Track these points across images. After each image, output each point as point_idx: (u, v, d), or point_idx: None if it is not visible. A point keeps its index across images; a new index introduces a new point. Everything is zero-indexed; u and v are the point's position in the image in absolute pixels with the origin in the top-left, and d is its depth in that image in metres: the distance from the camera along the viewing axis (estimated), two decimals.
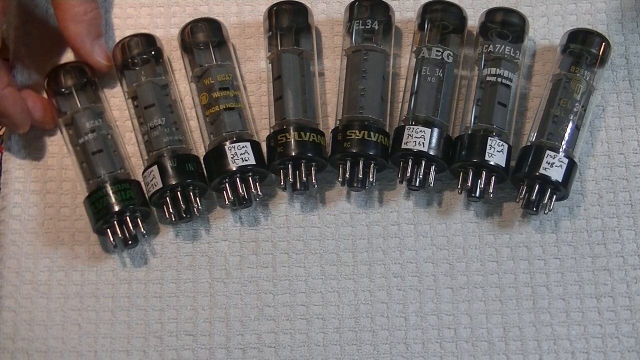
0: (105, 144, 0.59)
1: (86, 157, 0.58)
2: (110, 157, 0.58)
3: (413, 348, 0.57)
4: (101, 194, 0.56)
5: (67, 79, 0.61)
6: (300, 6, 0.62)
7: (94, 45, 0.60)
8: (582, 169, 0.60)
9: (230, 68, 0.61)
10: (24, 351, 0.57)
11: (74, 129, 0.59)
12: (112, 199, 0.56)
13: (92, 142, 0.58)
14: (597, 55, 0.59)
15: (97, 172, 0.58)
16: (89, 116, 0.59)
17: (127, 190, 0.57)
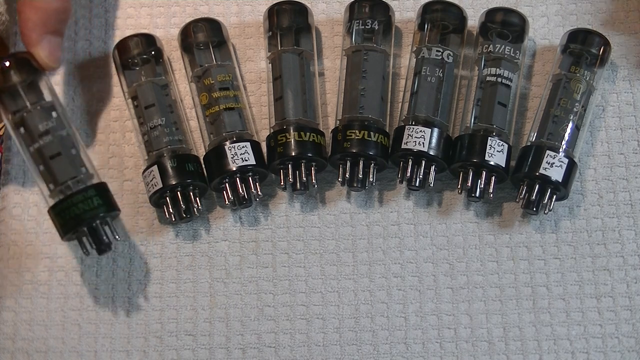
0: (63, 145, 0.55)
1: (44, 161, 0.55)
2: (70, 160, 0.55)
3: (413, 348, 0.57)
4: (69, 204, 0.54)
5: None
6: (300, 6, 0.62)
7: (43, 38, 0.55)
8: (582, 169, 0.60)
9: (230, 68, 0.61)
10: (23, 351, 0.57)
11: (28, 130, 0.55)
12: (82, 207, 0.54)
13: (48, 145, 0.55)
14: (597, 55, 0.59)
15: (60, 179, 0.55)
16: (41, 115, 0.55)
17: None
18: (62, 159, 0.54)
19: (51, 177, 0.54)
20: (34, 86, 0.55)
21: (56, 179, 0.54)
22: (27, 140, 0.55)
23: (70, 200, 0.53)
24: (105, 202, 0.55)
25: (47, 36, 0.55)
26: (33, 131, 0.54)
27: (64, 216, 0.54)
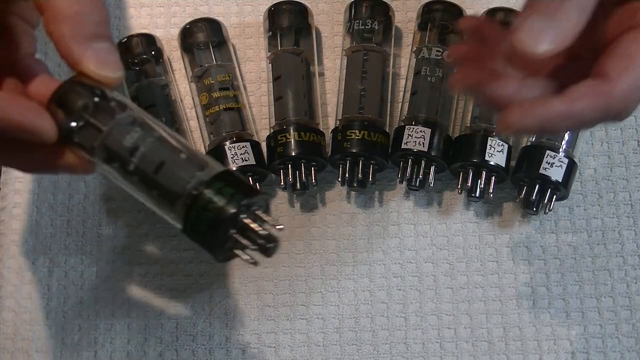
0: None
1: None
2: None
3: (413, 348, 0.57)
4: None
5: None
6: (300, 6, 0.62)
7: (86, 49, 0.42)
8: (582, 169, 0.60)
9: (230, 68, 0.61)
10: (23, 351, 0.57)
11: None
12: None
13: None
14: None
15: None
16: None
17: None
18: (168, 167, 0.42)
19: (167, 195, 0.42)
20: (98, 105, 0.43)
21: (173, 194, 0.42)
22: (121, 169, 0.43)
23: (196, 207, 0.41)
24: (240, 188, 0.41)
25: (90, 45, 0.43)
26: (121, 154, 0.42)
27: (199, 229, 0.41)
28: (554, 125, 0.40)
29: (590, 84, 0.39)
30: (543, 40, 0.38)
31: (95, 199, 0.60)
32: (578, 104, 0.39)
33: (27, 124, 0.41)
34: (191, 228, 0.41)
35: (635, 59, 0.39)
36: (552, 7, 0.38)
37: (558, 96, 0.40)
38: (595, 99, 0.39)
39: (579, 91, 0.39)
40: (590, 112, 0.39)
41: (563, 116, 0.40)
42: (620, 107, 0.39)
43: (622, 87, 0.39)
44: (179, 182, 0.41)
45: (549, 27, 0.38)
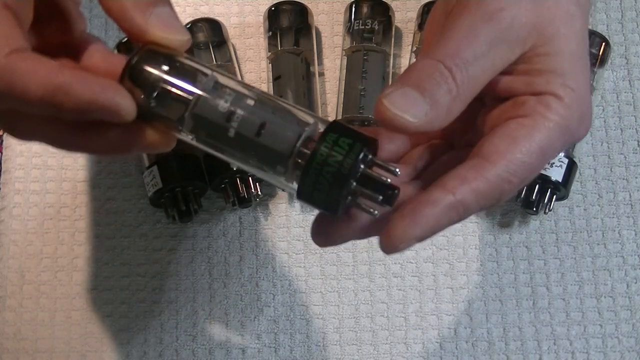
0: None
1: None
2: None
3: (413, 348, 0.57)
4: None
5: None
6: (300, 6, 0.62)
7: (149, 16, 0.39)
8: (582, 169, 0.60)
9: (230, 68, 0.61)
10: (25, 351, 0.57)
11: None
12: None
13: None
14: (597, 55, 0.59)
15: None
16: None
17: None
18: (271, 127, 0.38)
19: (274, 158, 0.38)
20: (177, 72, 0.39)
21: (281, 156, 0.37)
22: (217, 138, 0.38)
23: (314, 164, 0.36)
24: (355, 137, 0.37)
25: (152, 11, 0.39)
26: (216, 121, 0.38)
27: (321, 187, 0.37)
28: (443, 224, 0.37)
29: (469, 165, 0.37)
30: (411, 110, 0.36)
31: (95, 199, 0.60)
32: (459, 191, 0.36)
33: (103, 103, 0.36)
34: (311, 188, 0.37)
35: (519, 142, 0.37)
36: (428, 84, 0.37)
37: (436, 189, 0.37)
38: (476, 182, 0.36)
39: (458, 177, 0.37)
40: (473, 199, 0.36)
41: (450, 210, 0.36)
42: (502, 189, 0.37)
43: (503, 169, 0.37)
44: (287, 142, 0.37)
45: (421, 101, 0.36)
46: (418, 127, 0.36)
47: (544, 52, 0.38)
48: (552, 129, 0.37)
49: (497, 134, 0.38)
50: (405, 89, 0.37)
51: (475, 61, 0.37)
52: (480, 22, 0.38)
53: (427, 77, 0.37)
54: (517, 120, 0.38)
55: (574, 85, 0.38)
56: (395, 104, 0.36)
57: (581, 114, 0.39)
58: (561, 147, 0.39)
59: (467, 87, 0.37)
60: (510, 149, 0.37)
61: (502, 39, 0.38)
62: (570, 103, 0.38)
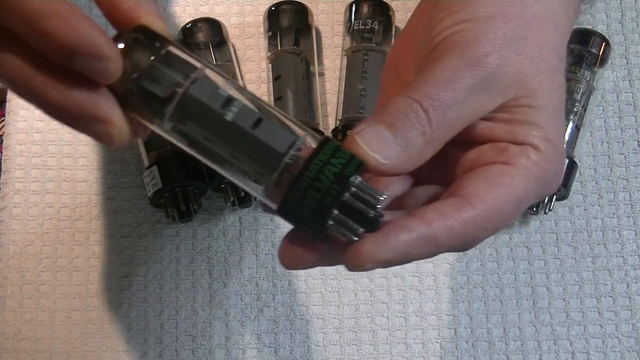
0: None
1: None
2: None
3: (413, 348, 0.57)
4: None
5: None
6: (300, 6, 0.62)
7: (141, 2, 0.35)
8: (582, 169, 0.60)
9: (230, 68, 0.61)
10: (25, 351, 0.57)
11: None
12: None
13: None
14: (597, 55, 0.59)
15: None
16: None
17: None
18: (267, 124, 0.35)
19: (266, 152, 0.34)
20: (179, 52, 0.36)
21: (275, 153, 0.34)
22: (211, 127, 0.35)
23: (305, 176, 0.34)
24: (351, 158, 0.35)
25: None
26: (212, 106, 0.34)
27: (309, 202, 0.34)
28: (413, 254, 0.35)
29: (449, 203, 0.36)
30: (383, 151, 0.35)
31: (95, 199, 0.60)
32: (436, 225, 0.35)
33: (90, 47, 0.32)
34: (297, 201, 0.34)
35: (500, 190, 0.36)
36: (402, 125, 0.35)
37: (414, 218, 0.35)
38: (454, 221, 0.35)
39: (437, 211, 0.35)
40: (447, 237, 0.35)
41: (423, 241, 0.35)
42: (475, 235, 0.36)
43: (482, 215, 0.36)
44: (283, 140, 0.34)
45: (394, 143, 0.35)
46: (388, 169, 0.35)
47: (526, 103, 0.37)
48: (530, 181, 0.37)
49: (479, 177, 0.37)
50: (378, 128, 0.35)
51: (454, 106, 0.36)
52: (464, 67, 0.36)
53: (402, 117, 0.36)
54: (499, 166, 0.37)
55: (553, 140, 0.38)
56: (367, 142, 0.35)
57: (556, 169, 0.38)
58: (534, 200, 0.38)
59: (442, 131, 0.36)
60: (491, 194, 0.36)
61: (484, 87, 0.37)
62: (549, 157, 0.37)
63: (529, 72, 0.37)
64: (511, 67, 0.37)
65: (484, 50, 0.37)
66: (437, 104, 0.36)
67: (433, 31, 0.38)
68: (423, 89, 0.36)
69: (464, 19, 0.37)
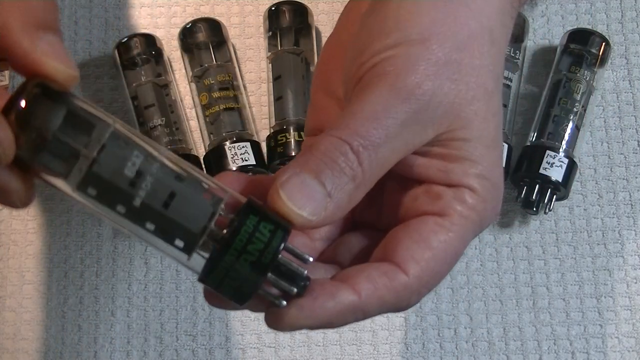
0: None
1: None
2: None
3: (413, 348, 0.57)
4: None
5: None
6: (300, 6, 0.62)
7: (39, 39, 0.31)
8: (582, 169, 0.60)
9: (230, 68, 0.61)
10: (24, 351, 0.57)
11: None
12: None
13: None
14: (597, 55, 0.59)
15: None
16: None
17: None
18: (180, 200, 0.32)
19: (179, 231, 0.32)
20: (75, 118, 0.32)
21: (189, 234, 0.32)
22: (115, 205, 0.32)
23: (232, 249, 0.32)
24: (274, 221, 0.33)
25: (42, 36, 0.32)
26: (119, 185, 0.31)
27: (233, 275, 0.32)
28: (337, 322, 0.34)
29: (380, 272, 0.34)
30: (309, 207, 0.32)
31: None
32: (366, 295, 0.33)
33: None
34: (222, 274, 0.32)
35: (436, 250, 0.34)
36: (331, 172, 0.33)
37: (344, 286, 0.33)
38: (386, 291, 0.34)
39: (369, 279, 0.34)
40: (376, 306, 0.34)
41: (350, 311, 0.33)
42: (409, 301, 0.35)
43: (416, 282, 0.34)
44: (199, 217, 0.32)
45: (321, 195, 0.33)
46: (316, 224, 0.33)
47: (461, 136, 0.35)
48: (467, 229, 0.35)
49: (412, 236, 0.35)
50: (303, 177, 0.33)
51: (386, 143, 0.33)
52: (395, 100, 0.34)
53: (330, 162, 0.33)
54: (434, 218, 0.35)
55: (489, 175, 0.36)
56: (292, 197, 0.32)
57: (493, 206, 0.37)
58: (471, 240, 0.36)
59: (374, 171, 0.34)
60: (426, 256, 0.34)
61: (417, 120, 0.34)
62: (486, 196, 0.36)
63: (464, 100, 0.35)
64: (444, 96, 0.34)
65: (415, 81, 0.34)
66: (368, 143, 0.33)
67: (362, 55, 0.35)
68: (352, 127, 0.33)
69: (395, 43, 0.35)
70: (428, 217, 0.35)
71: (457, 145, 0.35)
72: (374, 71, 0.35)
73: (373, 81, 0.35)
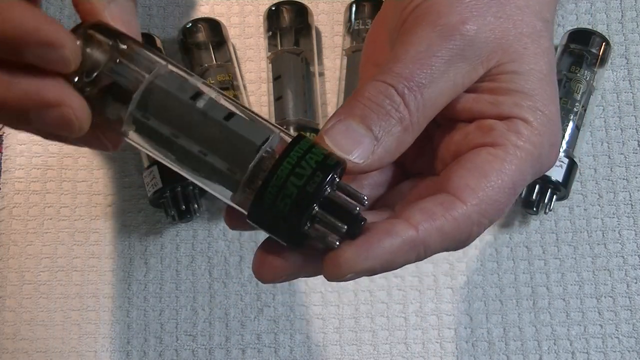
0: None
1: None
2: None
3: (413, 348, 0.57)
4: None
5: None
6: (300, 6, 0.62)
7: (110, 3, 0.33)
8: (582, 169, 0.60)
9: (230, 68, 0.61)
10: (24, 351, 0.57)
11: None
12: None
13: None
14: (597, 55, 0.59)
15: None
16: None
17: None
18: (237, 120, 0.32)
19: (239, 151, 0.32)
20: (141, 46, 0.34)
21: (250, 150, 0.32)
22: (180, 119, 0.32)
23: (276, 177, 0.31)
24: (327, 157, 0.32)
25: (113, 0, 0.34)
26: (181, 97, 0.32)
27: (281, 205, 0.31)
28: (398, 261, 0.32)
29: (437, 201, 0.33)
30: (356, 151, 0.32)
31: (95, 199, 0.60)
32: (423, 228, 0.32)
33: (46, 36, 0.29)
34: (278, 187, 0.31)
35: (491, 177, 0.33)
36: (377, 116, 0.33)
37: (399, 221, 0.32)
38: (444, 221, 0.32)
39: (424, 211, 0.32)
40: (436, 239, 0.32)
41: (409, 246, 0.32)
42: (470, 232, 0.33)
43: (474, 210, 0.33)
44: (257, 134, 0.32)
45: (368, 139, 0.32)
46: (364, 168, 0.32)
47: (511, 69, 0.34)
48: (524, 160, 0.34)
49: (466, 166, 0.34)
50: (349, 123, 0.32)
51: (432, 83, 0.33)
52: (438, 39, 0.33)
53: (375, 106, 0.33)
54: (487, 149, 0.34)
55: (543, 108, 0.34)
56: (337, 143, 0.32)
57: (552, 140, 0.35)
58: (532, 178, 0.35)
59: (422, 114, 0.33)
60: (482, 185, 0.33)
61: (464, 57, 0.33)
62: (541, 129, 0.34)
63: (512, 35, 0.34)
64: (491, 32, 0.34)
65: (459, 17, 0.33)
66: (413, 84, 0.33)
67: (403, 2, 0.35)
68: (396, 70, 0.33)
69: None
70: (481, 149, 0.34)
71: (508, 78, 0.34)
72: (416, 13, 0.34)
73: (414, 23, 0.34)
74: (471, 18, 0.34)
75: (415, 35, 0.34)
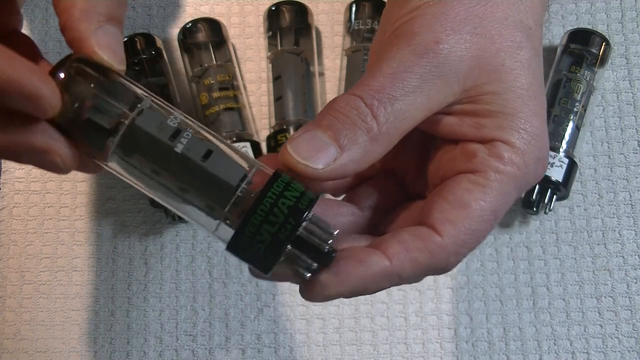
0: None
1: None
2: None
3: (413, 348, 0.57)
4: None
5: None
6: (300, 6, 0.62)
7: (98, 29, 0.34)
8: (583, 169, 0.60)
9: (230, 68, 0.61)
10: (24, 351, 0.57)
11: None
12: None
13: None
14: (597, 55, 0.59)
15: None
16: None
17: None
18: (217, 156, 0.34)
19: (217, 191, 0.34)
20: (122, 81, 0.34)
21: (226, 190, 0.33)
22: (159, 159, 0.34)
23: (258, 211, 0.33)
24: (304, 192, 0.33)
25: (102, 26, 0.34)
26: (160, 137, 0.33)
27: (261, 238, 0.33)
28: (370, 288, 0.34)
29: (414, 235, 0.34)
30: (315, 157, 0.33)
31: (95, 200, 0.60)
32: (397, 259, 0.33)
33: (26, 86, 0.30)
34: (253, 232, 0.32)
35: (471, 208, 0.33)
36: (342, 125, 0.33)
37: (374, 252, 0.33)
38: (418, 253, 0.33)
39: (400, 243, 0.33)
40: (410, 270, 0.33)
41: (382, 276, 0.33)
42: (447, 262, 0.34)
43: (451, 242, 0.33)
44: (233, 173, 0.33)
45: (329, 146, 0.33)
46: (323, 174, 0.33)
47: (489, 90, 0.34)
48: (505, 184, 0.34)
49: (446, 198, 0.34)
50: (315, 132, 0.33)
51: (404, 97, 0.33)
52: (412, 55, 0.34)
53: (342, 117, 0.33)
54: (467, 176, 0.34)
55: (526, 126, 0.34)
56: (298, 150, 0.33)
57: (538, 155, 0.35)
58: (516, 197, 0.35)
59: (392, 125, 0.33)
60: (462, 216, 0.33)
61: (439, 74, 0.34)
62: (525, 148, 0.34)
63: (489, 53, 0.34)
64: (467, 50, 0.34)
65: (432, 36, 0.34)
66: (382, 96, 0.33)
67: (387, 24, 0.37)
68: (366, 83, 0.34)
69: (417, 6, 0.35)
70: (462, 176, 0.34)
71: (488, 100, 0.35)
72: (395, 33, 0.35)
73: (393, 42, 0.35)
74: (445, 37, 0.34)
75: (390, 52, 0.35)
